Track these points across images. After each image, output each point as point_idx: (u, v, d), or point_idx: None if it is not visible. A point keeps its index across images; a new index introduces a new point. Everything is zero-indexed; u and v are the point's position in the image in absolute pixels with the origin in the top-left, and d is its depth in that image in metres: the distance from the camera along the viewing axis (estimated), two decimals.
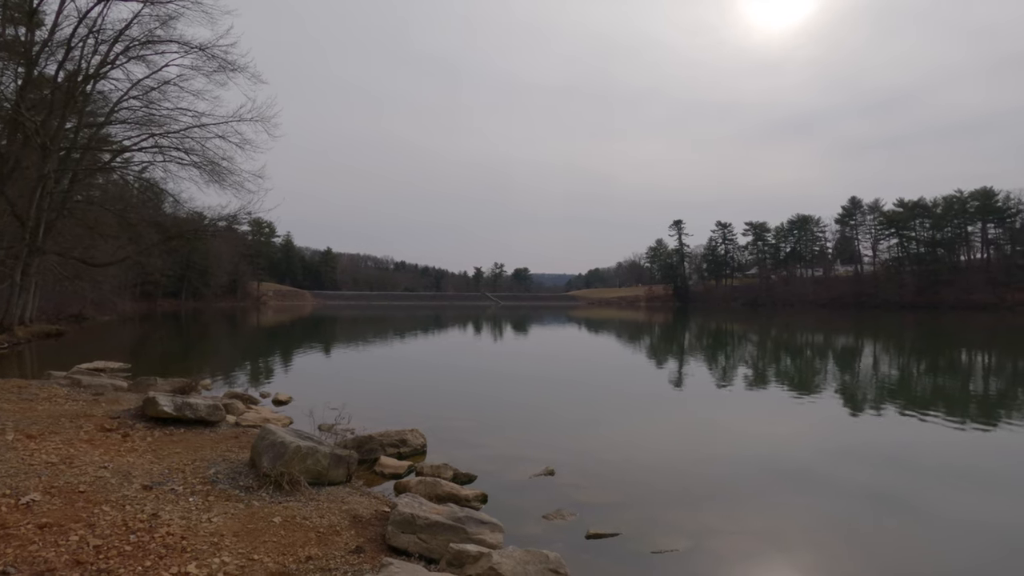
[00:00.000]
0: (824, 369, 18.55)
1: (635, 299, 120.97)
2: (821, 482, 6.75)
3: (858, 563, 4.64)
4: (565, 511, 5.43)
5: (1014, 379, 17.29)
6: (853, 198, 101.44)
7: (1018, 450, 8.41)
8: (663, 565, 4.48)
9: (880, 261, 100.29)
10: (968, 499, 6.23)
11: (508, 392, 13.32)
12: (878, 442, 8.86)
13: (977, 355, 23.92)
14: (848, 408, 11.56)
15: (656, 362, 20.80)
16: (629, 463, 7.27)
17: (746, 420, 10.59)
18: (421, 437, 7.69)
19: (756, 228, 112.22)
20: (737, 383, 14.94)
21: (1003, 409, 11.82)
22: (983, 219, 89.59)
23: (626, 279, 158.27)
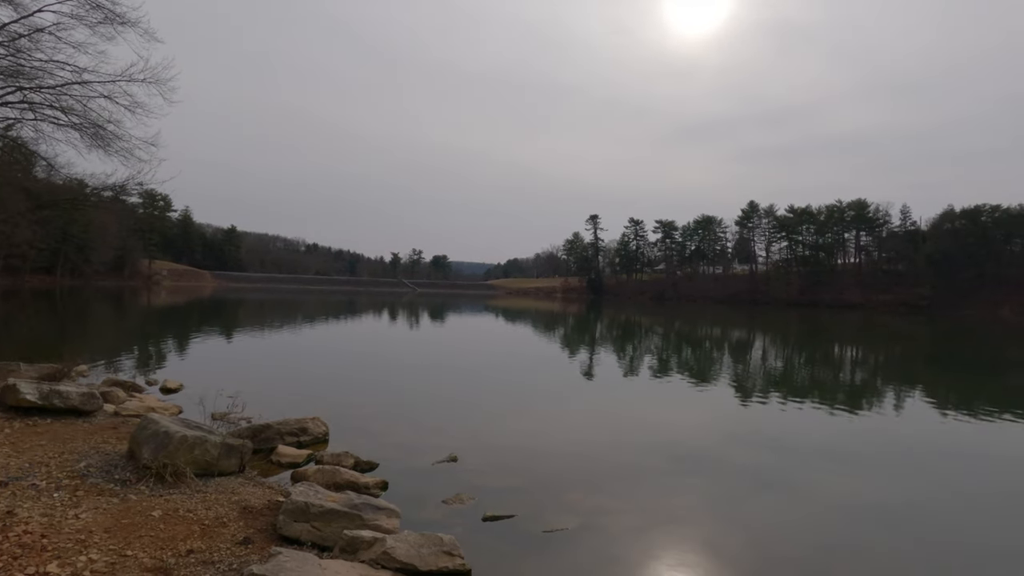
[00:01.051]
0: (719, 360, 20.09)
1: (552, 290, 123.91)
2: (711, 464, 7.37)
3: (739, 537, 5.15)
4: (464, 495, 5.56)
5: (875, 371, 19.68)
6: (751, 202, 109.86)
7: (878, 433, 9.63)
8: (551, 542, 4.73)
9: (772, 262, 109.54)
10: (836, 477, 7.07)
11: (417, 380, 13.25)
12: (763, 427, 9.79)
13: (847, 349, 26.94)
14: (738, 396, 12.61)
15: (568, 352, 21.53)
16: (532, 449, 7.54)
17: (647, 407, 11.29)
18: (323, 425, 7.50)
19: (665, 226, 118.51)
20: (642, 373, 15.83)
21: (866, 397, 13.46)
22: (857, 227, 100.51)
23: (544, 270, 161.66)
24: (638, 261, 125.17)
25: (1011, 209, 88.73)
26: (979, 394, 14.67)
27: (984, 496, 6.62)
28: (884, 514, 5.82)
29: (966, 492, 6.72)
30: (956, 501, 6.42)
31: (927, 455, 8.46)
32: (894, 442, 9.12)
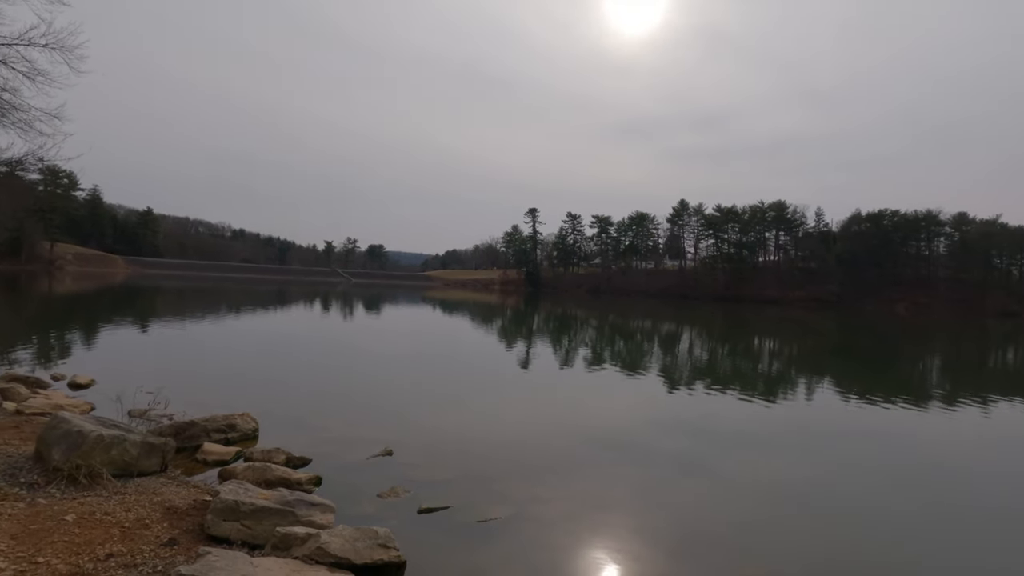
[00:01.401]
0: (650, 352, 20.99)
1: (490, 282, 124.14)
2: (641, 451, 7.78)
3: (665, 519, 5.50)
4: (400, 489, 5.59)
5: (789, 361, 21.22)
6: (682, 201, 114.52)
7: (790, 418, 10.48)
8: (485, 531, 4.87)
9: (700, 258, 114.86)
10: (755, 460, 7.66)
11: (352, 373, 13.03)
12: (688, 414, 10.41)
13: (765, 342, 28.84)
14: (667, 386, 13.27)
15: (505, 344, 21.77)
16: (468, 441, 7.66)
17: (581, 398, 11.68)
18: (252, 421, 7.28)
19: (601, 221, 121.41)
20: (576, 364, 16.30)
21: (780, 385, 14.54)
22: (777, 228, 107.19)
23: (482, 262, 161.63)
24: (575, 255, 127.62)
25: (908, 214, 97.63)
26: (877, 383, 16.19)
27: (881, 472, 7.39)
28: (796, 492, 6.41)
29: (866, 469, 7.47)
30: (858, 478, 7.13)
31: (832, 438, 9.30)
32: (804, 427, 9.97)
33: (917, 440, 9.43)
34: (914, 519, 5.87)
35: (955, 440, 9.63)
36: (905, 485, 6.99)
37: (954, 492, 6.82)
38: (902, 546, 5.21)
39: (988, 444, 9.50)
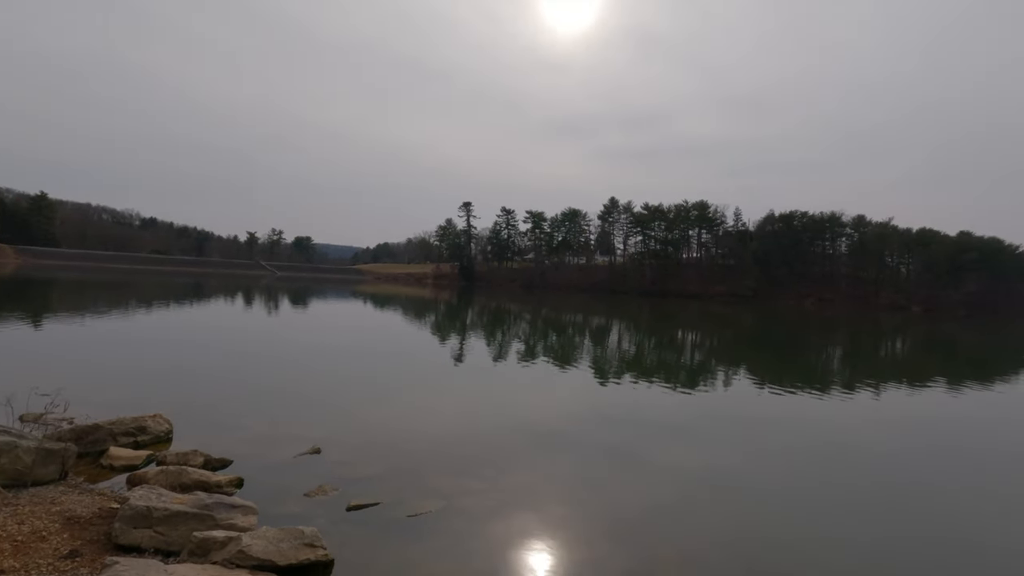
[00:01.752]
0: (581, 345, 21.54)
1: (423, 276, 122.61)
2: (571, 441, 7.99)
3: (594, 506, 5.71)
4: (328, 487, 5.47)
5: (709, 352, 22.46)
6: (612, 199, 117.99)
7: (708, 407, 11.09)
8: (416, 526, 4.88)
9: (629, 254, 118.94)
10: (675, 447, 8.07)
11: (277, 370, 12.49)
12: (617, 405, 10.81)
13: (687, 334, 30.34)
14: (597, 378, 13.67)
15: (439, 339, 21.63)
16: (399, 436, 7.58)
17: (514, 391, 11.82)
18: (166, 423, 6.85)
19: (535, 217, 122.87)
20: (510, 358, 16.46)
21: (701, 375, 15.36)
22: (699, 226, 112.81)
23: (416, 256, 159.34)
24: (509, 250, 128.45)
25: (815, 216, 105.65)
26: (785, 371, 17.49)
27: (787, 455, 8.02)
28: (711, 476, 6.83)
29: (775, 452, 8.08)
30: (768, 460, 7.70)
31: (746, 423, 9.93)
32: (721, 414, 10.60)
33: (819, 424, 10.28)
34: (815, 497, 6.42)
35: (852, 423, 10.59)
36: (808, 466, 7.63)
37: (851, 470, 7.50)
38: (804, 522, 5.70)
39: (879, 425, 10.52)
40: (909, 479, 7.25)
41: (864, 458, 8.10)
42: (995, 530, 5.76)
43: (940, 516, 6.09)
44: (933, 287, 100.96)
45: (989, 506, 6.44)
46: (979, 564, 4.99)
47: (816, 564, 4.76)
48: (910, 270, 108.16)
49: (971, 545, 5.35)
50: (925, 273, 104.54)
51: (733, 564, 4.68)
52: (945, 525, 5.82)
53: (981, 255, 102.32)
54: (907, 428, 10.44)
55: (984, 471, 7.92)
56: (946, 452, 8.95)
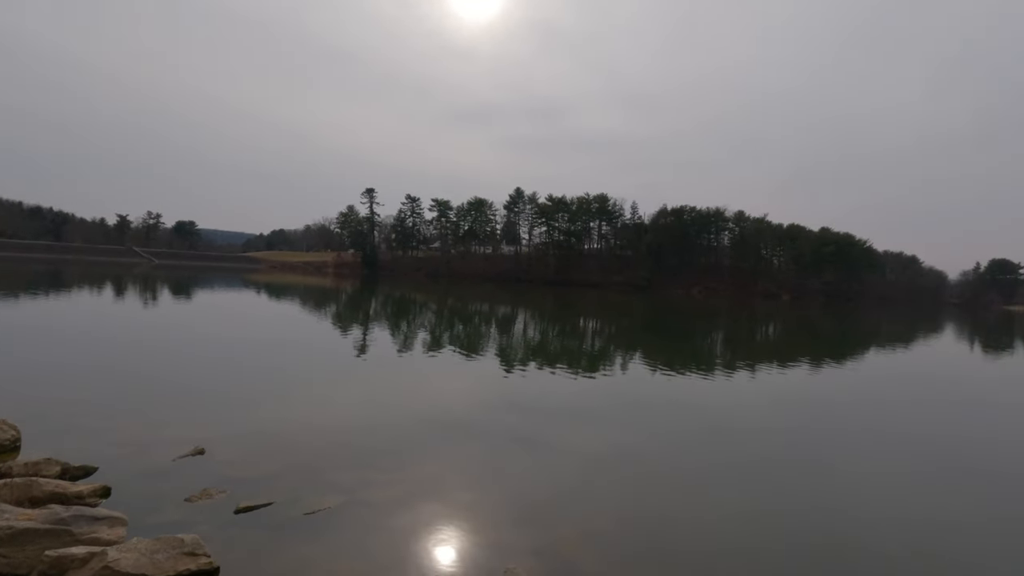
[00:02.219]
0: (487, 334, 21.65)
1: (323, 265, 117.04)
2: (477, 429, 7.99)
3: (502, 493, 5.71)
4: (213, 490, 5.05)
5: (608, 338, 23.53)
6: (518, 189, 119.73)
7: (608, 391, 11.58)
8: (312, 524, 4.64)
9: (534, 244, 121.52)
10: (578, 431, 8.32)
11: (152, 366, 11.26)
12: (521, 391, 10.96)
13: (588, 321, 31.58)
14: (503, 366, 13.79)
15: (340, 330, 20.74)
16: (295, 432, 7.15)
17: (419, 382, 11.58)
18: (11, 429, 5.95)
19: (441, 205, 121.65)
20: (415, 348, 16.15)
21: (601, 360, 16.03)
22: (600, 218, 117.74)
23: (315, 243, 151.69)
24: (414, 238, 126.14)
25: (702, 210, 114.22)
26: (676, 355, 18.78)
27: (680, 435, 8.59)
28: (611, 457, 7.14)
29: (669, 432, 8.63)
30: (663, 440, 8.20)
31: (644, 404, 10.54)
32: (620, 397, 11.13)
33: (706, 403, 11.14)
34: (705, 472, 6.92)
35: (734, 401, 11.59)
36: (698, 443, 8.23)
37: (735, 447, 8.18)
38: (697, 496, 6.13)
39: (760, 404, 11.61)
40: (786, 453, 8.08)
41: (745, 435, 8.87)
42: (860, 498, 6.57)
43: (813, 487, 6.80)
44: (799, 276, 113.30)
45: (851, 477, 7.33)
46: (849, 528, 5.65)
47: (710, 536, 5.13)
48: (781, 261, 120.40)
49: (841, 513, 6.02)
50: (793, 264, 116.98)
51: (633, 539, 4.94)
52: (819, 495, 6.50)
53: (838, 248, 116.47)
54: (780, 405, 11.62)
55: (845, 445, 9.01)
56: (815, 428, 10.07)
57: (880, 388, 14.57)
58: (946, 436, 9.73)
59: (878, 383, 15.38)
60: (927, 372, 19.23)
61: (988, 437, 9.75)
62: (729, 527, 5.27)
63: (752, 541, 5.02)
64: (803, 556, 4.80)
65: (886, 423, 10.43)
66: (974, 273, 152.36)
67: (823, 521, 5.59)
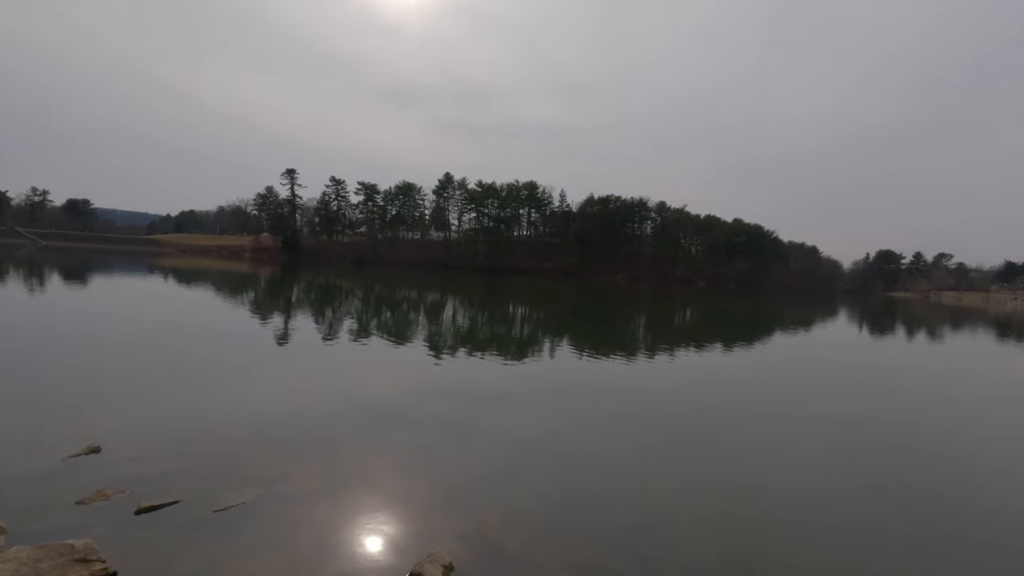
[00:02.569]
0: (415, 321, 21.32)
1: (239, 249, 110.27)
2: (405, 417, 7.84)
3: (425, 478, 5.66)
4: (110, 490, 4.66)
5: (537, 324, 23.88)
6: (447, 174, 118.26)
7: (537, 376, 11.74)
8: (223, 521, 4.40)
9: (463, 230, 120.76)
10: (508, 416, 8.37)
11: (37, 357, 10.20)
12: (451, 378, 10.87)
13: (518, 308, 31.89)
14: (432, 353, 13.62)
15: (258, 318, 19.67)
16: (206, 426, 6.73)
17: (344, 371, 11.19)
18: None
19: (367, 189, 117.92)
20: (341, 336, 15.62)
21: (530, 346, 16.23)
22: (529, 206, 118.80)
23: (230, 226, 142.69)
24: (339, 222, 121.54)
25: (626, 200, 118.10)
26: (602, 340, 19.39)
27: (605, 414, 8.88)
28: (540, 441, 7.26)
29: (597, 416, 8.88)
30: (589, 421, 8.43)
31: (570, 388, 10.78)
32: (549, 381, 11.34)
33: (629, 385, 11.59)
34: (628, 453, 7.19)
35: (654, 383, 12.14)
36: (621, 424, 8.53)
37: (654, 426, 8.57)
38: (619, 476, 6.37)
39: (678, 386, 12.22)
40: (702, 432, 8.57)
41: (665, 416, 9.32)
42: (767, 471, 7.08)
43: (727, 463, 7.24)
44: (714, 265, 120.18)
45: (760, 453, 7.89)
46: (759, 500, 6.08)
47: (631, 512, 5.35)
48: (698, 250, 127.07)
49: (752, 486, 6.47)
50: (709, 253, 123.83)
51: (557, 519, 5.06)
52: (732, 471, 6.92)
53: (749, 238, 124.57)
54: (697, 387, 12.30)
55: (755, 423, 9.69)
56: (728, 408, 10.75)
57: (785, 369, 15.80)
58: (844, 414, 10.70)
59: (783, 364, 16.66)
60: (824, 355, 21.07)
61: (878, 416, 10.79)
62: (649, 503, 5.54)
63: (670, 515, 5.31)
64: (718, 527, 5.14)
65: (791, 402, 11.33)
66: (864, 263, 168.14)
67: (736, 494, 5.99)
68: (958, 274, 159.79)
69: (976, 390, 14.62)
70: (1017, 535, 5.50)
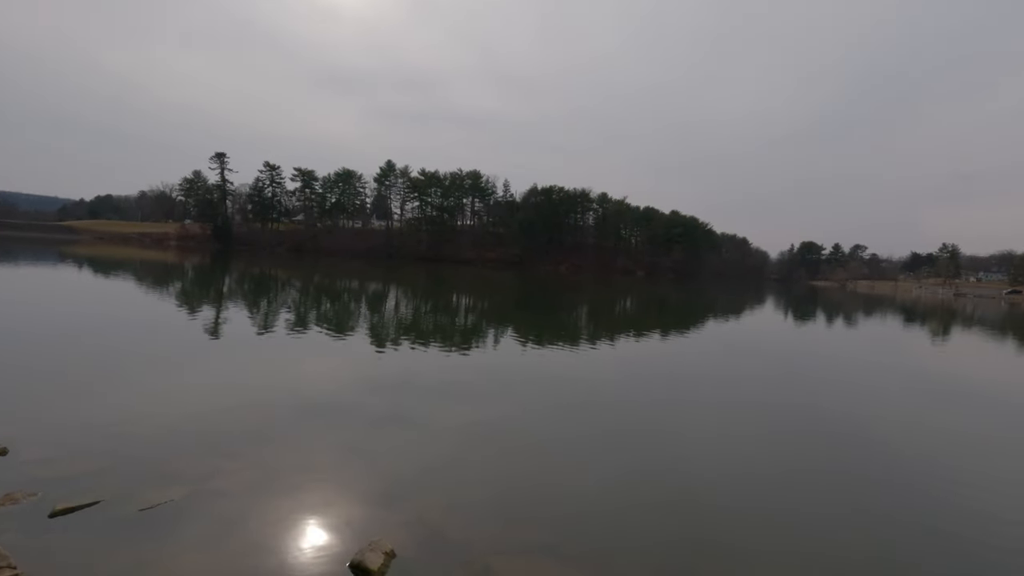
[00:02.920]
0: (357, 312, 20.84)
1: (164, 237, 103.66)
2: (345, 410, 7.65)
3: (364, 470, 5.58)
4: (20, 493, 4.34)
5: (482, 314, 23.90)
6: (389, 161, 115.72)
7: (482, 366, 11.76)
8: (149, 520, 4.20)
9: (406, 219, 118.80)
10: (451, 407, 8.32)
11: None
12: (393, 370, 10.68)
13: (462, 298, 31.79)
14: (373, 344, 13.37)
15: (186, 310, 18.61)
16: (129, 423, 6.35)
17: (281, 364, 10.76)
18: None
19: (305, 175, 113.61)
20: (277, 328, 15.04)
21: (474, 336, 16.22)
22: (473, 195, 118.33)
23: (152, 212, 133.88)
24: (275, 210, 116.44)
25: (570, 191, 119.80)
26: (546, 329, 19.66)
27: (548, 403, 9.04)
28: (482, 432, 7.31)
29: (537, 402, 9.03)
30: (533, 410, 8.56)
31: (515, 380, 10.85)
32: (493, 371, 11.40)
33: (571, 373, 11.84)
34: (571, 443, 7.32)
35: (594, 370, 12.47)
36: (564, 416, 8.68)
37: (600, 418, 8.79)
38: (562, 466, 6.50)
39: (620, 374, 12.59)
40: (643, 419, 8.90)
41: (606, 402, 9.62)
42: (706, 457, 7.44)
43: (668, 450, 7.58)
44: (652, 255, 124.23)
45: (698, 439, 8.27)
46: (699, 484, 6.38)
47: (573, 499, 5.49)
48: (638, 241, 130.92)
49: (691, 471, 6.81)
50: (648, 243, 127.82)
51: (500, 507, 5.13)
52: (673, 458, 7.27)
53: (685, 230, 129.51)
54: (635, 374, 12.73)
55: (693, 411, 10.14)
56: (667, 395, 11.19)
57: (720, 356, 16.63)
58: (777, 400, 11.39)
59: (719, 352, 17.52)
60: (756, 341, 22.31)
61: (810, 402, 11.49)
62: (591, 491, 5.69)
63: (613, 501, 5.49)
64: (658, 512, 5.34)
65: (727, 389, 11.94)
66: (789, 254, 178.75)
67: (677, 479, 6.24)
68: (871, 264, 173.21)
69: (897, 377, 15.95)
70: (938, 510, 6.08)
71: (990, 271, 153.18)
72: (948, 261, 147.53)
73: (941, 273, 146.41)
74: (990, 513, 5.76)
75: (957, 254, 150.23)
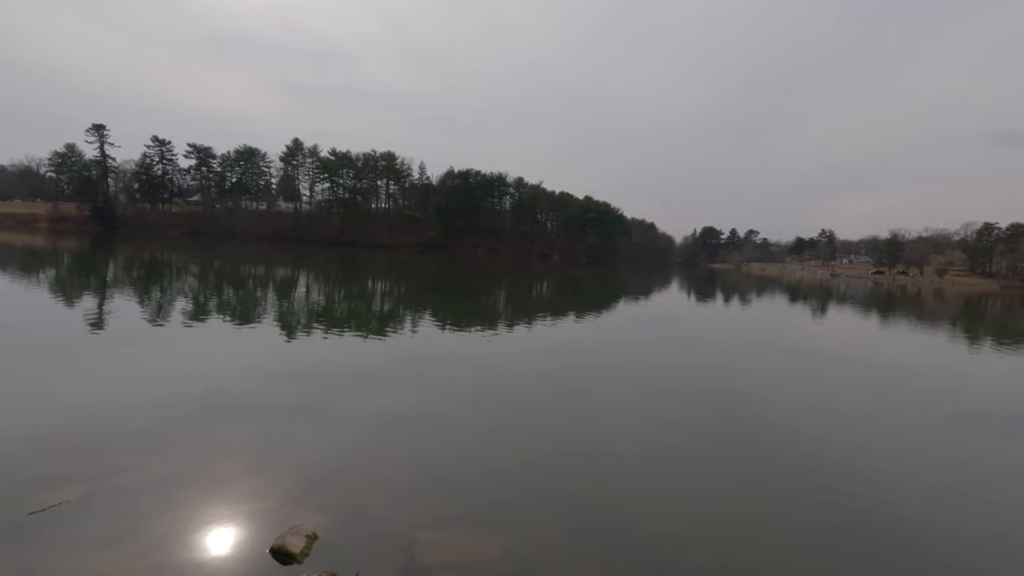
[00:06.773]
0: (263, 300, 19.78)
1: (33, 219, 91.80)
2: (252, 403, 7.35)
3: (276, 462, 5.47)
4: None
5: (398, 300, 23.55)
6: (296, 140, 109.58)
7: (398, 352, 11.67)
8: (40, 524, 3.93)
9: (316, 202, 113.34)
10: (367, 394, 8.25)
11: None
12: (305, 359, 10.31)
13: (377, 283, 31.08)
14: (283, 334, 12.78)
15: (64, 301, 16.79)
16: (7, 425, 5.78)
17: (179, 357, 10.08)
18: None
19: (201, 152, 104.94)
20: (173, 319, 14.00)
21: (390, 323, 15.99)
22: (387, 177, 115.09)
23: (17, 190, 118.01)
24: (166, 189, 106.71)
25: (487, 175, 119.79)
26: (462, 312, 19.78)
27: (467, 386, 9.20)
28: (398, 417, 7.35)
29: (458, 389, 9.16)
30: (451, 394, 8.69)
31: (433, 364, 10.88)
32: (411, 356, 11.35)
33: (490, 357, 12.10)
34: (489, 421, 7.61)
35: (513, 352, 12.80)
36: (485, 400, 8.93)
37: (519, 400, 9.10)
38: (481, 443, 6.72)
39: (534, 352, 13.00)
40: (558, 401, 9.30)
41: (522, 386, 9.94)
42: (611, 417, 7.94)
43: (579, 421, 8.01)
44: (567, 239, 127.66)
45: (605, 405, 8.79)
46: (607, 441, 6.81)
47: (491, 472, 5.73)
48: (553, 225, 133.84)
49: (601, 434, 7.24)
50: (563, 228, 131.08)
51: (422, 486, 5.27)
52: (585, 430, 7.70)
53: (598, 215, 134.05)
54: (551, 357, 13.22)
55: (604, 379, 10.72)
56: (582, 377, 11.73)
57: (633, 336, 17.61)
58: (679, 365, 12.31)
59: (627, 327, 18.53)
60: (660, 315, 23.79)
61: (709, 364, 12.57)
62: (505, 468, 5.93)
63: (525, 477, 5.79)
64: (574, 487, 5.68)
65: (633, 358, 12.72)
66: (692, 238, 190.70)
67: (587, 443, 6.70)
68: (763, 248, 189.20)
69: (782, 353, 17.68)
70: (838, 470, 6.94)
71: (859, 254, 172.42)
72: (826, 245, 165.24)
73: (820, 256, 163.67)
74: (866, 464, 6.72)
75: (834, 239, 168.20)
